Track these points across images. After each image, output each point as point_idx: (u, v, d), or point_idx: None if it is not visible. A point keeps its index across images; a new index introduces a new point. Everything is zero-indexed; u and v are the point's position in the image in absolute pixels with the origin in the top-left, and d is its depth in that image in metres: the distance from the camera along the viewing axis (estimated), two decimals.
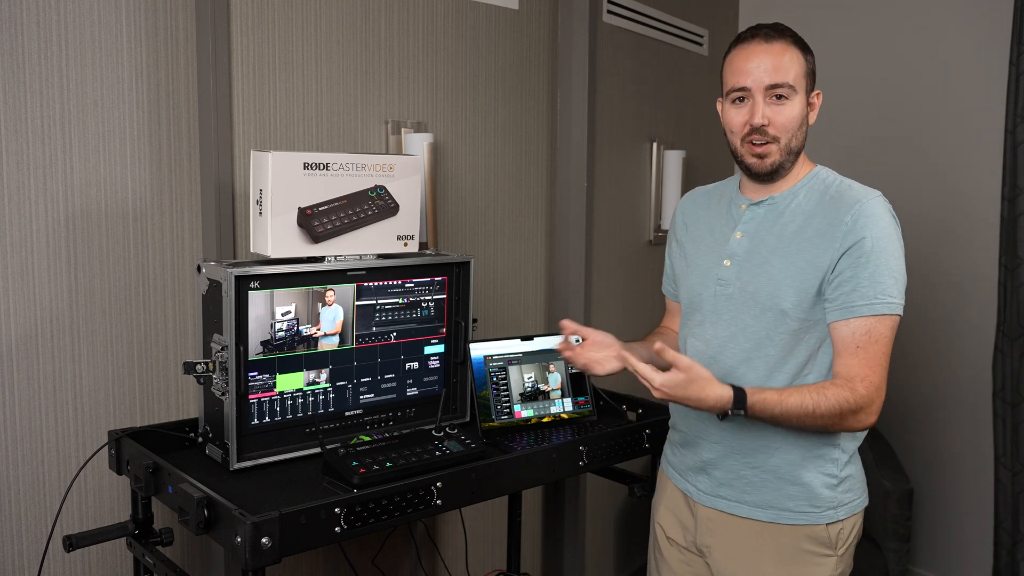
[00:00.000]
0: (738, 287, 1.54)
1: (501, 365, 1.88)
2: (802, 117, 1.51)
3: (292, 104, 1.94)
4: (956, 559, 3.02)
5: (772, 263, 1.51)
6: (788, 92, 1.48)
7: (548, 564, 2.73)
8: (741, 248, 1.56)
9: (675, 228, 1.76)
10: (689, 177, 3.09)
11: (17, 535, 1.62)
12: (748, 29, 1.55)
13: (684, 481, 1.66)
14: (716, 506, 1.59)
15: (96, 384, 1.70)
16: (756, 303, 1.51)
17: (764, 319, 1.50)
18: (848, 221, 1.44)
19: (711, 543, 1.60)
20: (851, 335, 1.44)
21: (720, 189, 1.70)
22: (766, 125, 1.48)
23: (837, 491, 1.53)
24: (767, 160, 1.51)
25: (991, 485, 2.71)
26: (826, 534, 1.52)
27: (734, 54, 1.54)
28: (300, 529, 1.30)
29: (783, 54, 1.48)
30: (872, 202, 1.46)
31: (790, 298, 1.48)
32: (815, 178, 1.55)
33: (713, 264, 1.59)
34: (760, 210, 1.56)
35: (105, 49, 1.66)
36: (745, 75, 1.50)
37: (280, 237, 1.61)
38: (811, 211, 1.51)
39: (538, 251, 2.61)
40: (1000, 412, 2.59)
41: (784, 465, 1.52)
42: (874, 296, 1.43)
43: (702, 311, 1.60)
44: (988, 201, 2.79)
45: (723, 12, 3.44)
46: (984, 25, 2.85)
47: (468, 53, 2.33)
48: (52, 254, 1.63)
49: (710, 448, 1.58)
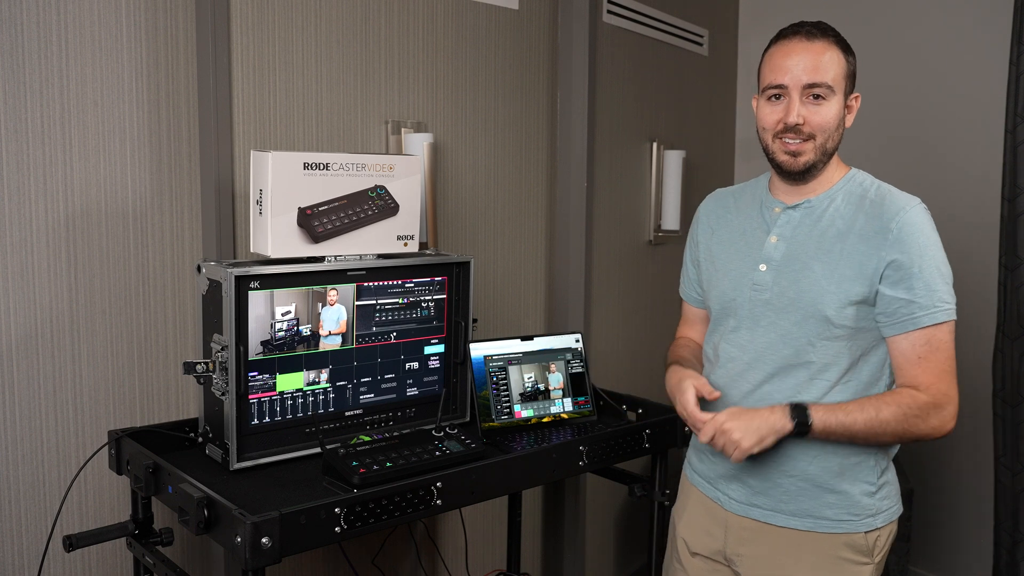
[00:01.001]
0: (776, 292, 1.51)
1: (501, 365, 1.88)
2: (839, 119, 1.48)
3: (292, 104, 1.94)
4: (956, 559, 3.02)
5: (813, 268, 1.48)
6: (826, 92, 1.45)
7: (548, 564, 2.73)
8: (778, 252, 1.52)
9: (697, 230, 1.71)
10: (689, 177, 3.09)
11: (17, 535, 1.62)
12: (790, 26, 1.52)
13: (714, 489, 1.62)
14: (750, 515, 1.55)
15: (96, 384, 1.70)
16: (797, 309, 1.48)
17: (806, 325, 1.48)
18: (894, 229, 1.43)
19: (743, 552, 1.56)
20: (911, 347, 1.43)
21: (746, 190, 1.66)
22: (801, 124, 1.46)
23: (875, 498, 1.51)
24: (800, 159, 1.48)
25: (991, 485, 2.71)
26: (864, 542, 1.50)
27: (773, 50, 1.51)
28: (300, 529, 1.30)
29: (823, 53, 1.46)
30: (915, 210, 1.45)
31: (833, 304, 1.45)
32: (851, 181, 1.53)
33: (748, 268, 1.56)
34: (796, 214, 1.53)
35: (105, 49, 1.66)
36: (783, 72, 1.47)
37: (280, 237, 1.61)
38: (852, 216, 1.48)
39: (538, 251, 2.61)
40: (1000, 412, 2.59)
41: (822, 473, 1.49)
42: (932, 305, 1.42)
43: (736, 316, 1.56)
44: (988, 201, 2.79)
45: (723, 12, 3.44)
46: (984, 25, 2.85)
47: (468, 53, 2.33)
48: (52, 254, 1.63)
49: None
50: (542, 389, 1.91)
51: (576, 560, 2.69)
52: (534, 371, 1.91)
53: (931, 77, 2.98)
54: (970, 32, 2.90)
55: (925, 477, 3.05)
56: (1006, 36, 2.65)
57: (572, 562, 2.68)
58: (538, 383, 1.91)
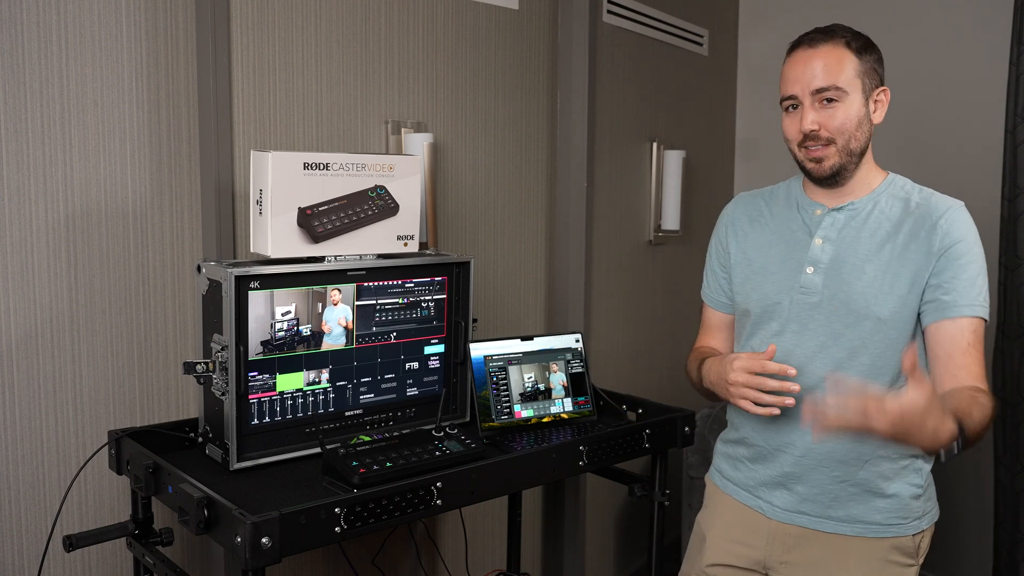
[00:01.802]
0: (826, 295, 1.50)
1: (501, 365, 1.88)
2: (859, 117, 1.47)
3: (292, 104, 1.94)
4: (956, 559, 3.02)
5: (865, 270, 1.47)
6: (837, 95, 1.45)
7: (548, 564, 2.73)
8: (825, 255, 1.51)
9: (726, 234, 1.69)
10: (689, 177, 3.09)
11: (17, 535, 1.62)
12: (802, 35, 1.53)
13: (754, 498, 1.60)
14: (796, 522, 1.54)
15: (96, 384, 1.70)
16: (850, 311, 1.47)
17: (860, 327, 1.47)
18: (943, 226, 1.45)
19: (789, 559, 1.55)
20: (960, 332, 1.42)
21: (778, 193, 1.65)
22: (817, 130, 1.46)
23: (922, 500, 1.51)
24: (825, 164, 1.48)
25: (991, 485, 2.71)
26: (911, 544, 1.50)
27: (785, 64, 1.52)
28: (300, 529, 1.30)
29: (829, 56, 1.46)
30: (962, 210, 1.47)
31: (889, 305, 1.45)
32: (893, 184, 1.54)
33: (793, 271, 1.54)
34: (841, 216, 1.52)
35: (105, 49, 1.66)
36: (792, 83, 1.49)
37: (280, 237, 1.61)
38: (899, 218, 1.49)
39: (538, 251, 2.61)
40: (1000, 412, 2.59)
41: (873, 478, 1.49)
42: (974, 298, 1.43)
43: (780, 320, 1.55)
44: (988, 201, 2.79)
45: (723, 12, 3.44)
46: (984, 25, 2.85)
47: (468, 53, 2.33)
48: (52, 254, 1.63)
49: (794, 462, 1.53)
50: (542, 389, 1.91)
51: (576, 560, 2.69)
52: (534, 371, 1.91)
53: (931, 77, 2.98)
54: (970, 32, 2.90)
55: None
56: (1006, 36, 2.65)
57: (572, 562, 2.68)
58: (538, 383, 1.91)
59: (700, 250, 3.22)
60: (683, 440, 1.92)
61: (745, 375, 1.42)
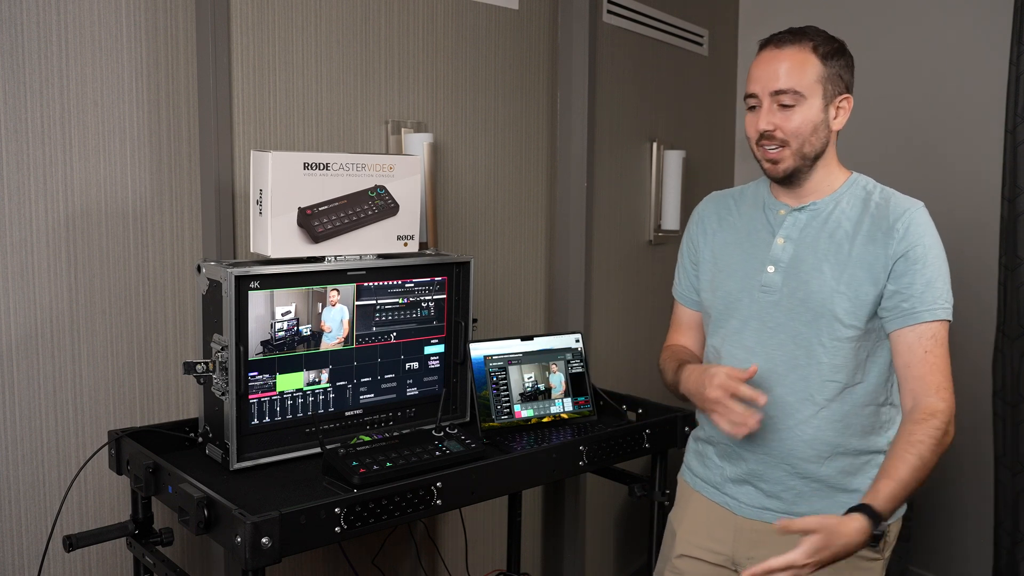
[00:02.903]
0: (785, 294, 1.52)
1: (501, 365, 1.88)
2: (816, 123, 1.48)
3: (292, 104, 1.94)
4: (956, 559, 3.02)
5: (823, 269, 1.49)
6: (794, 98, 1.46)
7: (548, 564, 2.73)
8: (786, 254, 1.53)
9: (695, 233, 1.71)
10: (689, 177, 3.09)
11: (17, 535, 1.62)
12: (771, 35, 1.54)
13: (721, 495, 1.62)
14: (762, 518, 1.55)
15: (96, 384, 1.70)
16: (808, 309, 1.49)
17: (817, 325, 1.49)
18: (900, 228, 1.46)
19: (755, 555, 1.55)
20: (918, 340, 1.44)
21: (747, 192, 1.67)
22: (772, 131, 1.48)
23: None
24: (779, 166, 1.50)
25: (991, 485, 2.71)
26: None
27: (752, 62, 1.54)
28: (300, 529, 1.30)
29: (791, 59, 1.47)
30: (920, 211, 1.48)
31: (844, 304, 1.47)
32: (855, 185, 1.55)
33: (754, 270, 1.56)
34: (802, 216, 1.54)
35: (105, 49, 1.66)
36: (754, 82, 1.50)
37: (280, 237, 1.61)
38: (857, 218, 1.50)
39: (538, 251, 2.61)
40: (1000, 412, 2.59)
41: (835, 474, 1.50)
42: (933, 301, 1.44)
43: (740, 317, 1.57)
44: (988, 201, 2.79)
45: (723, 12, 3.44)
46: (984, 25, 2.85)
47: (468, 53, 2.33)
48: (52, 254, 1.63)
49: (757, 460, 1.55)
50: (542, 389, 1.91)
51: (576, 560, 2.69)
52: (534, 371, 1.91)
53: (931, 77, 2.98)
54: (970, 32, 2.90)
55: None
56: (1006, 36, 2.66)
57: (572, 562, 2.68)
58: (538, 383, 1.91)
59: None
60: (683, 440, 1.91)
61: (721, 392, 1.44)
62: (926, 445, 1.39)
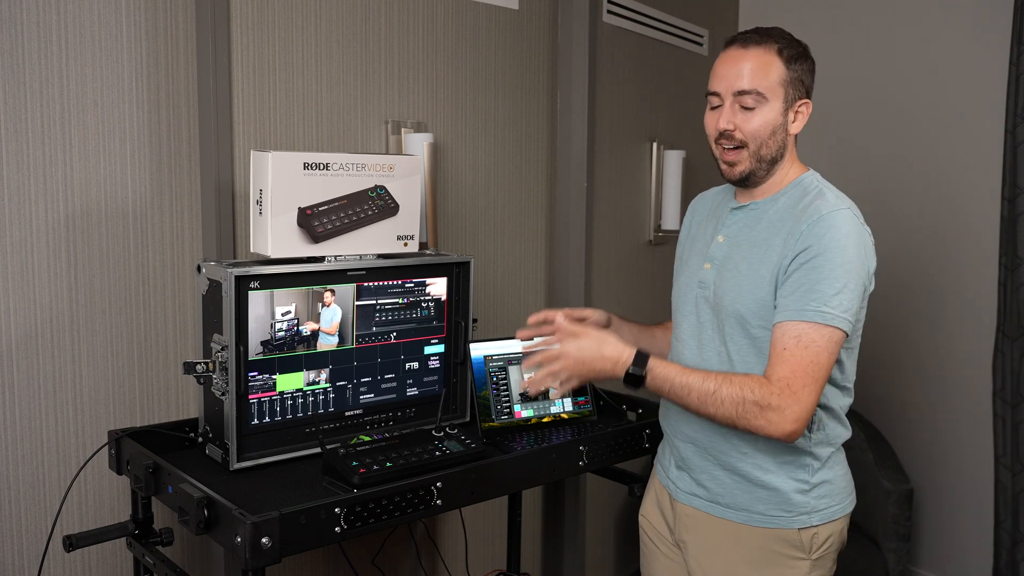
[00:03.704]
0: (712, 291, 1.55)
1: (501, 365, 1.88)
2: (775, 125, 1.48)
3: (292, 104, 1.94)
4: (956, 559, 3.02)
5: (740, 269, 1.51)
6: (756, 100, 1.47)
7: (548, 564, 2.73)
8: (720, 252, 1.57)
9: (682, 230, 1.77)
10: (689, 177, 3.09)
11: (17, 535, 1.62)
12: (737, 33, 1.56)
13: (666, 477, 1.68)
14: (692, 504, 1.61)
15: (96, 384, 1.70)
16: (721, 307, 1.53)
17: (728, 323, 1.52)
18: (804, 231, 1.42)
19: (687, 539, 1.62)
20: (780, 337, 1.41)
21: (722, 192, 1.70)
22: (732, 130, 1.49)
23: (809, 496, 1.51)
24: (736, 168, 1.52)
25: (991, 485, 2.71)
26: (798, 538, 1.51)
27: (716, 60, 1.55)
28: (300, 529, 1.30)
29: (756, 60, 1.47)
30: (835, 214, 1.42)
31: (748, 304, 1.48)
32: (798, 186, 1.53)
33: (698, 266, 1.61)
34: (741, 215, 1.57)
35: (105, 49, 1.66)
36: (717, 80, 1.51)
37: (280, 237, 1.61)
38: (782, 218, 1.50)
39: (538, 251, 2.61)
40: (1000, 412, 2.59)
41: (753, 470, 1.52)
42: (808, 302, 1.39)
43: (682, 312, 1.63)
44: (988, 201, 2.79)
45: (723, 12, 3.44)
46: (984, 25, 2.85)
47: (468, 53, 2.33)
48: (52, 254, 1.63)
49: (684, 447, 1.61)
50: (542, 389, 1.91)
51: (576, 560, 2.69)
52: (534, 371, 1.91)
53: (931, 77, 2.98)
54: (970, 32, 2.90)
55: (925, 477, 3.05)
56: (1006, 36, 2.65)
57: (572, 562, 2.68)
58: None
59: None
60: None
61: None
62: (733, 387, 1.40)
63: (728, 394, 1.40)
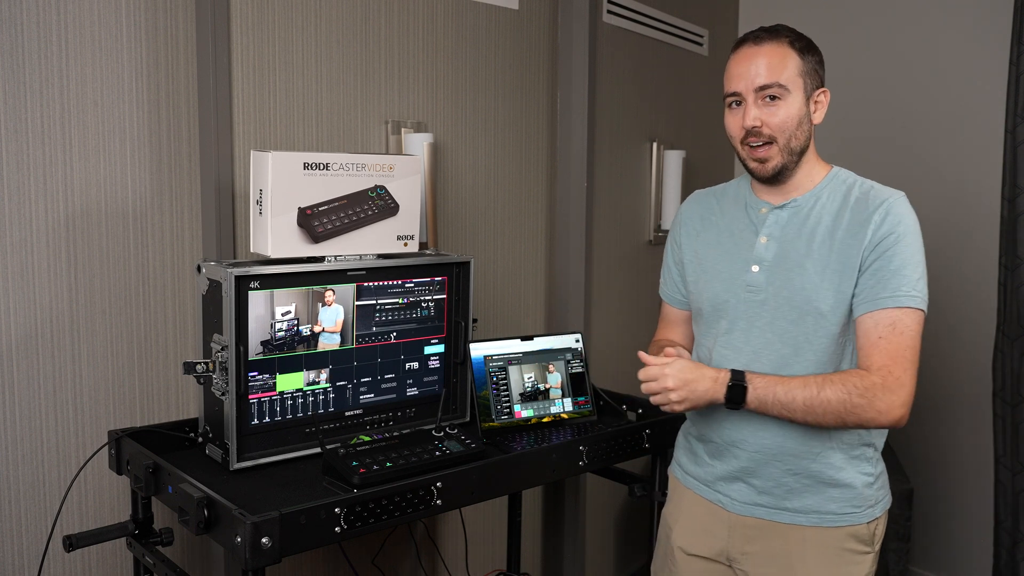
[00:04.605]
0: (771, 292, 1.52)
1: (501, 365, 1.88)
2: (800, 116, 1.49)
3: (292, 104, 1.94)
4: (956, 559, 3.02)
5: (805, 266, 1.49)
6: (780, 92, 1.47)
7: (548, 564, 2.73)
8: (769, 253, 1.54)
9: (680, 232, 1.72)
10: (689, 177, 3.09)
11: (17, 535, 1.62)
12: (745, 34, 1.55)
13: (713, 492, 1.61)
14: (754, 514, 1.56)
15: (96, 384, 1.70)
16: (793, 307, 1.50)
17: (803, 323, 1.49)
18: (876, 219, 1.45)
19: (749, 550, 1.57)
20: (874, 327, 1.43)
21: (728, 191, 1.67)
22: (759, 126, 1.48)
23: (874, 488, 1.53)
24: (768, 164, 1.51)
25: (991, 485, 2.71)
26: (867, 531, 1.52)
27: (729, 61, 1.54)
28: (300, 529, 1.30)
29: (772, 54, 1.48)
30: (898, 200, 1.47)
31: (828, 300, 1.47)
32: (835, 179, 1.55)
33: (739, 270, 1.56)
34: (784, 213, 1.55)
35: (105, 49, 1.66)
36: (736, 80, 1.51)
37: (280, 237, 1.61)
38: (837, 212, 1.50)
39: (538, 251, 2.61)
40: (1000, 412, 2.59)
41: (826, 469, 1.50)
42: (898, 287, 1.43)
43: (729, 318, 1.57)
44: (988, 201, 2.79)
45: (723, 12, 3.44)
46: (984, 25, 2.85)
47: (468, 53, 2.33)
48: (52, 254, 1.63)
49: (748, 457, 1.55)
50: (542, 389, 1.91)
51: (576, 560, 2.69)
52: (534, 371, 1.91)
53: (931, 77, 2.98)
54: (970, 32, 2.90)
55: (925, 477, 3.05)
56: (1006, 36, 2.66)
57: (572, 562, 2.68)
58: (538, 383, 1.91)
59: None
60: None
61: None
62: (835, 385, 1.41)
63: (832, 394, 1.40)
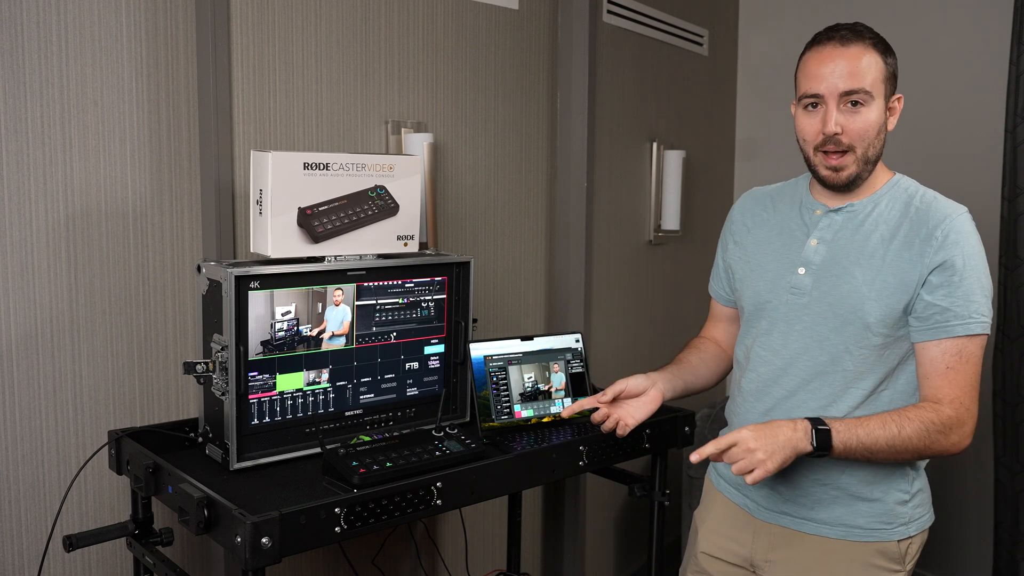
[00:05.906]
0: (815, 297, 1.47)
1: (501, 365, 1.88)
2: (880, 124, 1.43)
3: (292, 104, 1.94)
4: (956, 559, 3.02)
5: (854, 274, 1.44)
6: (864, 98, 1.41)
7: (548, 564, 2.73)
8: (818, 256, 1.48)
9: (732, 227, 1.68)
10: (689, 177, 3.09)
11: (17, 535, 1.62)
12: (825, 30, 1.46)
13: (741, 496, 1.60)
14: (780, 522, 1.53)
15: (96, 384, 1.70)
16: (836, 315, 1.44)
17: (845, 332, 1.44)
18: (939, 236, 1.39)
19: (773, 558, 1.54)
20: (941, 356, 1.39)
21: (785, 191, 1.63)
22: (839, 133, 1.41)
23: (909, 507, 1.49)
24: (843, 173, 1.44)
25: (991, 485, 2.71)
26: (897, 549, 1.48)
27: (808, 57, 1.46)
28: (300, 529, 1.30)
29: (860, 58, 1.41)
30: (961, 218, 1.41)
31: (875, 312, 1.41)
32: (896, 187, 1.49)
33: (785, 270, 1.52)
34: (838, 217, 1.49)
35: (105, 49, 1.66)
36: (819, 80, 1.42)
37: (280, 237, 1.61)
38: (896, 222, 1.44)
39: (538, 251, 2.61)
40: (1000, 412, 2.59)
41: (855, 483, 1.47)
42: (968, 316, 1.38)
43: (770, 319, 1.53)
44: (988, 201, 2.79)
45: (723, 12, 3.44)
46: (984, 25, 2.85)
47: (468, 53, 2.33)
48: (52, 254, 1.63)
49: None
50: (542, 389, 1.91)
51: (576, 560, 2.69)
52: (534, 371, 1.91)
53: (931, 77, 2.98)
54: (970, 32, 2.90)
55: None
56: (1006, 36, 2.66)
57: (572, 562, 2.68)
58: (538, 383, 1.91)
59: (700, 250, 3.23)
60: (683, 440, 1.92)
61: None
62: (913, 423, 1.37)
63: (913, 432, 1.37)
